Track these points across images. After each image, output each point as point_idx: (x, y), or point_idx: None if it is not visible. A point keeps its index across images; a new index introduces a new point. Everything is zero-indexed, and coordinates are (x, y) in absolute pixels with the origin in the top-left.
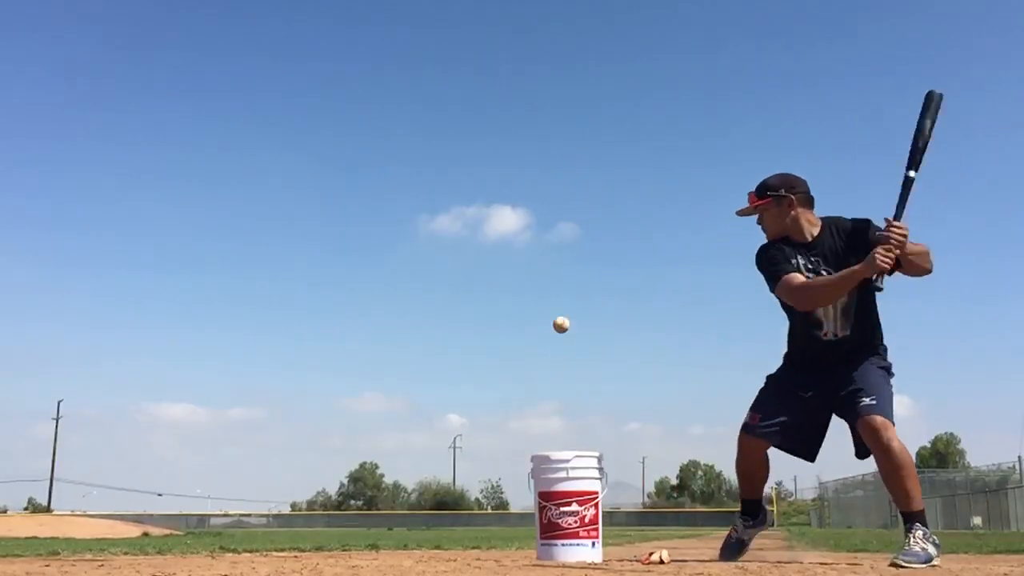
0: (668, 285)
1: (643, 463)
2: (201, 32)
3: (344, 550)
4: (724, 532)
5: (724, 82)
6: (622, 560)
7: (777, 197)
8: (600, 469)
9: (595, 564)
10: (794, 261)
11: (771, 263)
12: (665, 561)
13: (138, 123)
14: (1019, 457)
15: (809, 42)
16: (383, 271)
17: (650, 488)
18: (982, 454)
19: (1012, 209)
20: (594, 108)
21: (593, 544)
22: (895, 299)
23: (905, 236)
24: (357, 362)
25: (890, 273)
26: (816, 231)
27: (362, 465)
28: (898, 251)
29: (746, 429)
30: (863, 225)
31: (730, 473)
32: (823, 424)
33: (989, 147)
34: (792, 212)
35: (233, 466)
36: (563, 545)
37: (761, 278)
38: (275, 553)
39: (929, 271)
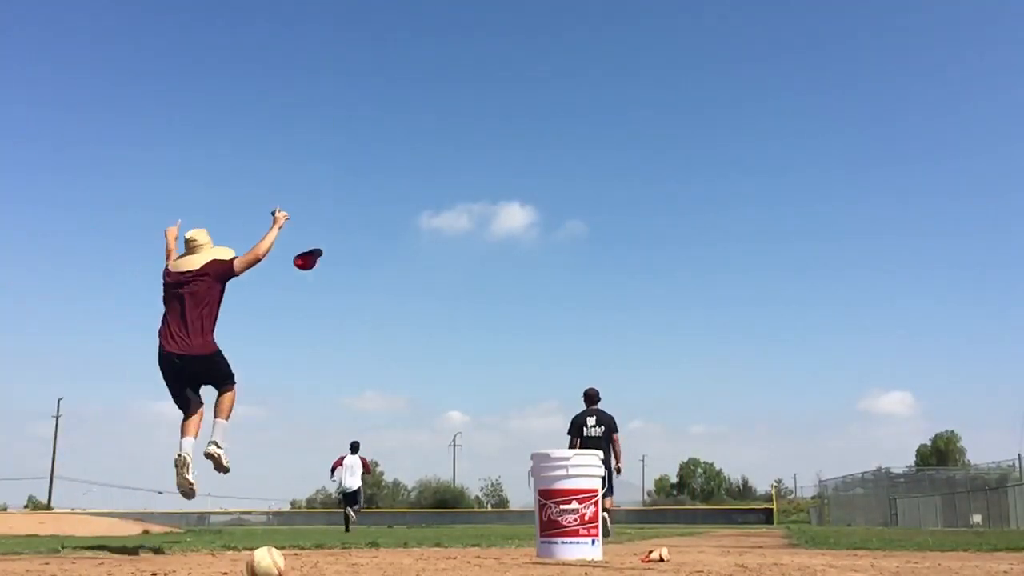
0: (672, 285)
1: (643, 461)
2: (203, 31)
3: (344, 548)
4: (724, 530)
5: (731, 83)
6: (622, 557)
7: None
8: (601, 467)
9: (595, 562)
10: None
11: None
12: (665, 559)
13: (140, 124)
14: (1019, 455)
15: (821, 51)
16: (387, 269)
17: (650, 486)
18: (982, 452)
19: (1013, 207)
20: (603, 105)
21: (593, 542)
22: (896, 298)
23: None
24: (358, 360)
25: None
26: None
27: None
28: None
29: None
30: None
31: (730, 472)
32: None
33: (990, 145)
34: None
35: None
36: (563, 543)
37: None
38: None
39: None
